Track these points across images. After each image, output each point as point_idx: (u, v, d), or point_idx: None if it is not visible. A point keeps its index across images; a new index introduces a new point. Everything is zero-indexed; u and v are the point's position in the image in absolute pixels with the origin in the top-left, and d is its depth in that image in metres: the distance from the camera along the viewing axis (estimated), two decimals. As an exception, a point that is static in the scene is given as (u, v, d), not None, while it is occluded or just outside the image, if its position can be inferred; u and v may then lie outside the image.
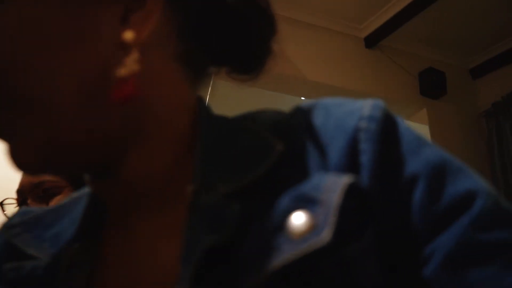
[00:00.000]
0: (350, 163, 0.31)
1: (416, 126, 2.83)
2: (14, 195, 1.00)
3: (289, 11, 2.51)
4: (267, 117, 0.36)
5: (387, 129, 0.31)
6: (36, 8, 0.29)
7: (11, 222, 0.39)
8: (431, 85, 2.77)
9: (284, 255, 0.26)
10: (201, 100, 0.37)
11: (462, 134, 2.86)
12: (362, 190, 0.30)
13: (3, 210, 1.04)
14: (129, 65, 0.30)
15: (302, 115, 0.35)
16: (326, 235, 0.26)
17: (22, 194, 0.97)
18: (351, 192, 0.28)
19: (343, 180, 0.29)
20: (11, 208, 1.04)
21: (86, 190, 0.39)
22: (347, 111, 0.33)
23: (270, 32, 0.39)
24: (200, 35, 0.36)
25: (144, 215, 0.34)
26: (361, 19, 2.63)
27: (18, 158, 0.31)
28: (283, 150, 0.32)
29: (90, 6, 0.30)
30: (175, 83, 0.35)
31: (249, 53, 0.39)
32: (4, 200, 1.05)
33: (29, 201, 0.95)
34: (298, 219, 0.28)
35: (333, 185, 0.29)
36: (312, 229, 0.27)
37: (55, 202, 0.93)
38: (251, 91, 2.25)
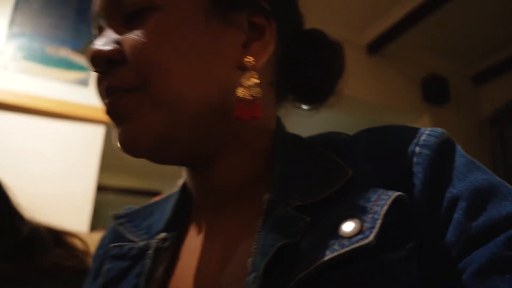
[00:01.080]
0: (404, 183, 0.35)
1: (419, 133, 2.82)
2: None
3: (291, 18, 2.51)
4: (333, 139, 0.43)
5: (440, 155, 0.36)
6: (188, 19, 0.36)
7: (119, 214, 0.50)
8: (434, 92, 2.77)
9: (332, 252, 0.31)
10: (280, 120, 0.46)
11: (466, 140, 2.85)
12: (409, 205, 0.34)
13: None
14: (251, 88, 0.37)
15: (367, 141, 0.40)
16: (370, 237, 0.31)
17: None
18: (398, 204, 0.33)
19: (392, 194, 0.33)
20: None
21: (176, 190, 0.50)
22: (408, 139, 0.38)
23: (339, 74, 0.47)
24: (289, 66, 0.45)
25: (223, 213, 0.42)
26: (363, 26, 2.64)
27: (133, 140, 0.37)
28: (352, 174, 0.37)
29: (223, 27, 0.38)
30: (269, 105, 0.44)
31: (320, 88, 0.47)
32: None
33: None
34: (349, 224, 0.32)
35: (383, 197, 0.33)
36: (359, 232, 0.31)
37: None
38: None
